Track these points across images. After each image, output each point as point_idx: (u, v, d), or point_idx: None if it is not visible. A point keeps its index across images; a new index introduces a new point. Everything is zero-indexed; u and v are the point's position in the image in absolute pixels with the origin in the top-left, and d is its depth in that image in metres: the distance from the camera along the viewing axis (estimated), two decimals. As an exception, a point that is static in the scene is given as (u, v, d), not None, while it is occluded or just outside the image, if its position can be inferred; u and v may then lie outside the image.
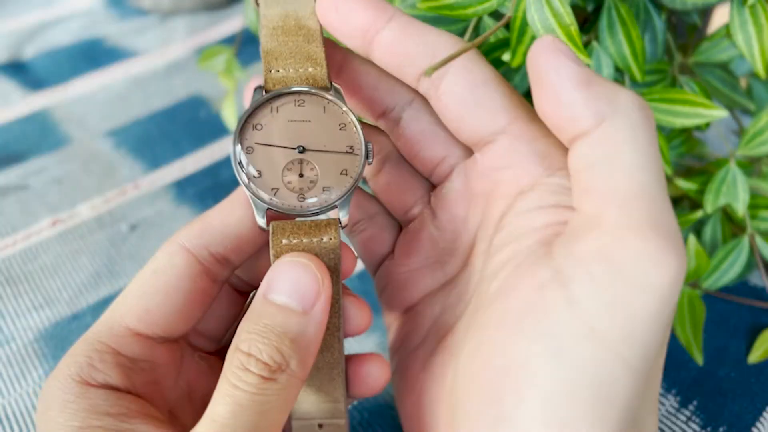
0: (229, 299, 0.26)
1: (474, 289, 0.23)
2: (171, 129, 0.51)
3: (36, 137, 0.49)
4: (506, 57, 0.31)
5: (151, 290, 0.22)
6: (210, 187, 0.45)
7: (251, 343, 0.19)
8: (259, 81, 0.24)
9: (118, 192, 0.44)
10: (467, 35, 0.32)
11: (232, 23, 0.64)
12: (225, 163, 0.47)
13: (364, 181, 0.27)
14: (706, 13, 0.43)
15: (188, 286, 0.22)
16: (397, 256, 0.26)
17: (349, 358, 0.24)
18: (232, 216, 0.23)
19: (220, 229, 0.23)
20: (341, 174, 0.22)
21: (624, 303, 0.17)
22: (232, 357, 0.19)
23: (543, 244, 0.20)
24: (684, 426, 0.30)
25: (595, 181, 0.19)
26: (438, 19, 0.32)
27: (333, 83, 0.23)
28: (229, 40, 0.61)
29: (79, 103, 0.53)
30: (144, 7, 0.66)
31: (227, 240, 0.23)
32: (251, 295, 0.25)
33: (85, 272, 0.38)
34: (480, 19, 0.32)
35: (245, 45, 0.59)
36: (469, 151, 0.24)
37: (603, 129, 0.19)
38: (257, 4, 0.25)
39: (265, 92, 0.22)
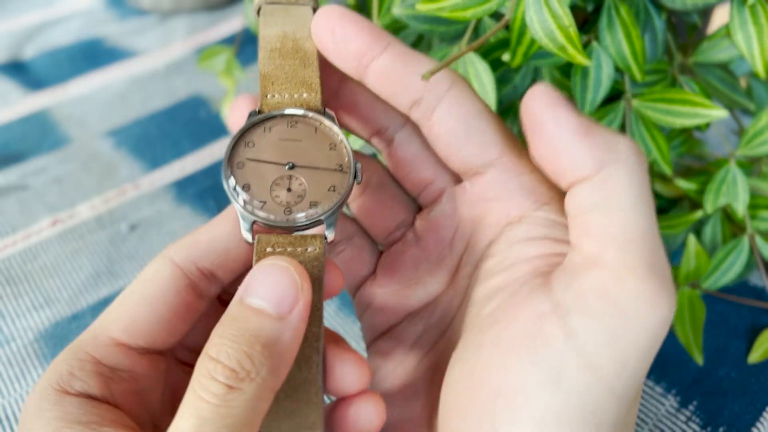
0: (219, 314, 0.25)
1: (458, 310, 0.24)
2: (171, 129, 0.51)
3: (36, 137, 0.49)
4: (506, 57, 0.31)
5: (136, 301, 0.22)
6: (210, 187, 0.45)
7: (220, 348, 0.18)
8: (246, 100, 0.24)
9: (117, 192, 0.44)
10: (467, 36, 0.32)
11: (232, 23, 0.64)
12: (225, 163, 0.47)
13: (346, 204, 0.27)
14: (706, 13, 0.43)
15: (173, 298, 0.22)
16: (380, 277, 0.26)
17: (338, 400, 0.22)
18: (220, 231, 0.23)
19: (208, 244, 0.23)
20: (329, 190, 0.22)
21: (620, 338, 0.18)
22: (200, 364, 0.18)
23: (537, 275, 0.21)
24: (684, 426, 0.30)
25: (595, 223, 0.20)
26: (438, 20, 0.32)
27: (326, 109, 0.23)
28: (229, 40, 0.61)
29: (79, 103, 0.53)
30: (144, 7, 0.66)
31: (214, 255, 0.23)
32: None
33: (85, 272, 0.38)
34: (480, 20, 0.32)
35: (245, 45, 0.59)
36: (457, 177, 0.25)
37: (603, 175, 0.19)
38: (258, 14, 0.25)
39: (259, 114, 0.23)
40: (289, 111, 0.23)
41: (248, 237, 0.22)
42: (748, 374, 0.32)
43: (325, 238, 0.22)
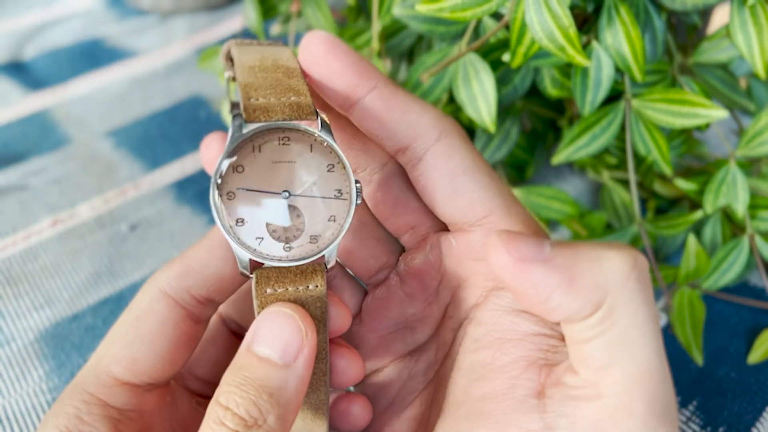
0: (227, 344, 0.25)
1: (444, 363, 0.24)
2: (171, 129, 0.51)
3: (36, 137, 0.49)
4: (506, 57, 0.31)
5: (134, 338, 0.22)
6: (210, 188, 0.45)
7: (229, 396, 0.18)
8: (217, 139, 0.22)
9: (118, 192, 0.44)
10: (467, 36, 0.32)
11: (232, 23, 0.64)
12: (225, 163, 0.47)
13: None
14: (706, 13, 0.43)
15: (172, 332, 0.22)
16: (367, 323, 0.25)
17: (336, 397, 0.24)
18: (213, 257, 0.22)
19: (201, 271, 0.22)
20: (329, 220, 0.21)
21: None
22: (210, 410, 0.19)
23: (530, 367, 0.20)
24: (684, 426, 0.30)
25: (595, 354, 0.18)
26: (437, 21, 0.32)
27: (319, 112, 0.21)
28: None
29: (79, 103, 0.53)
30: (144, 7, 0.66)
31: (209, 282, 0.22)
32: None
33: (85, 272, 0.38)
34: (480, 21, 0.32)
35: (245, 45, 0.59)
36: (442, 223, 0.24)
37: (601, 313, 0.18)
38: (228, 59, 0.23)
39: (245, 121, 0.20)
40: (279, 123, 0.20)
41: (246, 272, 0.21)
42: (748, 374, 0.32)
43: (326, 267, 0.21)
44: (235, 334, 0.26)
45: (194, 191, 0.44)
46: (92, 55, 0.60)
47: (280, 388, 0.19)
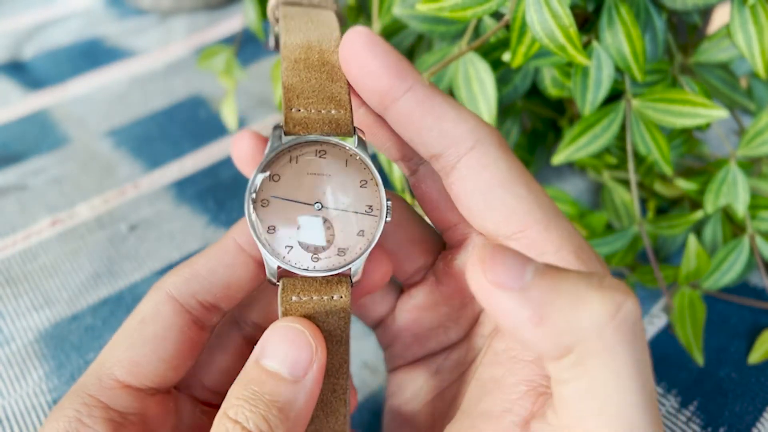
0: (237, 352, 0.25)
1: (469, 366, 0.24)
2: (171, 129, 0.51)
3: (35, 137, 0.49)
4: (506, 57, 0.31)
5: (138, 341, 0.21)
6: (210, 187, 0.45)
7: (239, 410, 0.18)
8: (247, 136, 0.22)
9: (117, 192, 0.44)
10: (467, 36, 0.32)
11: (231, 23, 0.64)
12: (225, 163, 0.47)
13: None
14: (706, 13, 0.43)
15: (176, 336, 0.22)
16: (401, 321, 0.25)
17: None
18: (221, 263, 0.22)
19: (208, 278, 0.22)
20: (358, 235, 0.21)
21: None
22: (218, 422, 0.19)
23: (530, 397, 0.20)
24: (684, 426, 0.30)
25: (569, 397, 0.17)
26: (438, 20, 0.32)
27: (357, 129, 0.21)
28: (228, 40, 0.61)
29: (79, 102, 0.53)
30: (143, 6, 0.66)
31: (216, 288, 0.22)
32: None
33: (85, 272, 0.38)
34: (480, 20, 0.32)
35: (245, 45, 0.59)
36: None
37: (573, 358, 0.16)
38: (276, 25, 0.23)
39: (285, 134, 0.21)
40: (318, 137, 0.21)
41: (273, 279, 0.21)
42: (749, 375, 0.32)
43: (351, 279, 0.21)
44: (248, 340, 0.25)
45: (194, 191, 0.44)
46: (92, 54, 0.60)
47: (290, 403, 0.19)
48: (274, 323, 0.20)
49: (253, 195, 0.21)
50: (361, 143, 0.21)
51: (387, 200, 0.21)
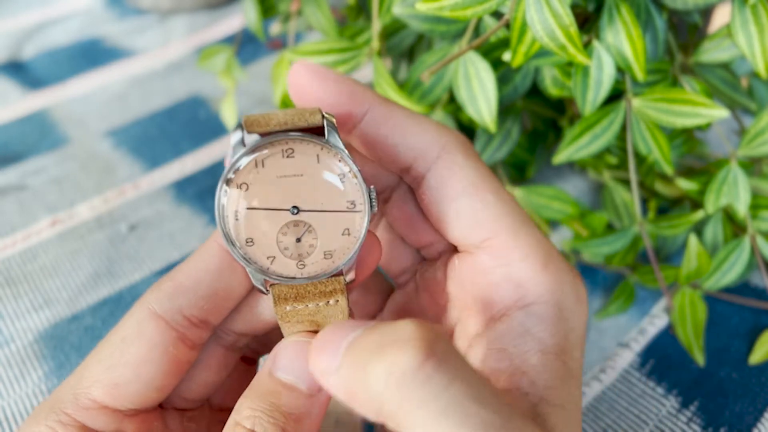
0: (217, 363, 0.24)
1: None
2: (170, 129, 0.50)
3: (35, 137, 0.49)
4: (507, 57, 0.31)
5: (119, 362, 0.20)
6: (210, 187, 0.45)
7: (256, 421, 0.18)
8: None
9: (117, 192, 0.44)
10: (467, 35, 0.32)
11: (231, 22, 0.64)
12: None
13: None
14: (707, 12, 0.43)
15: (161, 357, 0.20)
16: (388, 320, 0.25)
17: None
18: (206, 272, 0.20)
19: (194, 289, 0.20)
20: (343, 234, 0.20)
21: None
22: None
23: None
24: (685, 427, 0.30)
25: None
26: (438, 19, 0.32)
27: (326, 115, 0.20)
28: (228, 40, 0.61)
29: (78, 102, 0.53)
30: (143, 6, 0.66)
31: (202, 301, 0.20)
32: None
33: (85, 272, 0.38)
34: (480, 19, 0.32)
35: (245, 44, 0.59)
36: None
37: (377, 418, 0.16)
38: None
39: (246, 133, 0.19)
40: (281, 136, 0.19)
41: (262, 288, 0.20)
42: (749, 375, 0.32)
43: (345, 279, 0.20)
44: (230, 350, 0.24)
45: (194, 191, 0.44)
46: (91, 54, 0.60)
47: (306, 415, 0.19)
48: (287, 338, 0.20)
49: (223, 211, 0.19)
50: (332, 131, 0.19)
51: (370, 191, 0.20)
